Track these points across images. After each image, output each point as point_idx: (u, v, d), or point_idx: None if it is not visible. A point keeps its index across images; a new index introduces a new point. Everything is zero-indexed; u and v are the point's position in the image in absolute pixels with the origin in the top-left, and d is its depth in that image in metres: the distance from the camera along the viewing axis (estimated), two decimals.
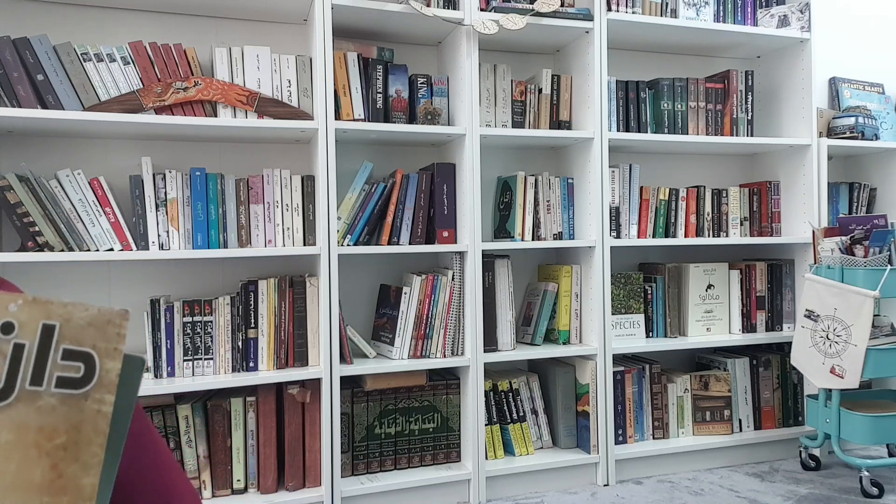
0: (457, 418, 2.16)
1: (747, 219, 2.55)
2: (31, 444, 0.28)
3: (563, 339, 2.30)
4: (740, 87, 2.48)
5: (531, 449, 2.25)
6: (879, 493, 2.08)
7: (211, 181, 1.92)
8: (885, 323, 2.18)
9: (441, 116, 2.10)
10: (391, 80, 2.10)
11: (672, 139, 2.32)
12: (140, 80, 1.85)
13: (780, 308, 2.56)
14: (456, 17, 2.08)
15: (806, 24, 2.48)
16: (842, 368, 2.11)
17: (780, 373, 2.54)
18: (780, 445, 2.49)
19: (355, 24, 2.13)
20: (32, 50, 1.75)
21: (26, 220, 1.74)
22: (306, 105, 1.99)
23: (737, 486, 2.21)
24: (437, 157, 2.36)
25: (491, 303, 2.19)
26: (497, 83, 2.22)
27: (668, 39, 2.50)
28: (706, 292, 2.48)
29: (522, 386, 2.27)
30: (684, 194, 2.44)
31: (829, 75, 2.87)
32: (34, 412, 0.29)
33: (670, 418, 2.42)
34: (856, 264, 2.14)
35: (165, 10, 2.07)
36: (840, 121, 2.61)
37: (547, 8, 2.15)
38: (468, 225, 2.10)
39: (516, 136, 2.20)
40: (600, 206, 2.25)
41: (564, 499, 2.14)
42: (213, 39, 2.13)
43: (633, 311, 2.38)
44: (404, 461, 2.11)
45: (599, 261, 2.25)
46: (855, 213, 2.73)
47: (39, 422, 0.28)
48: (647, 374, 2.38)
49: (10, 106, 1.73)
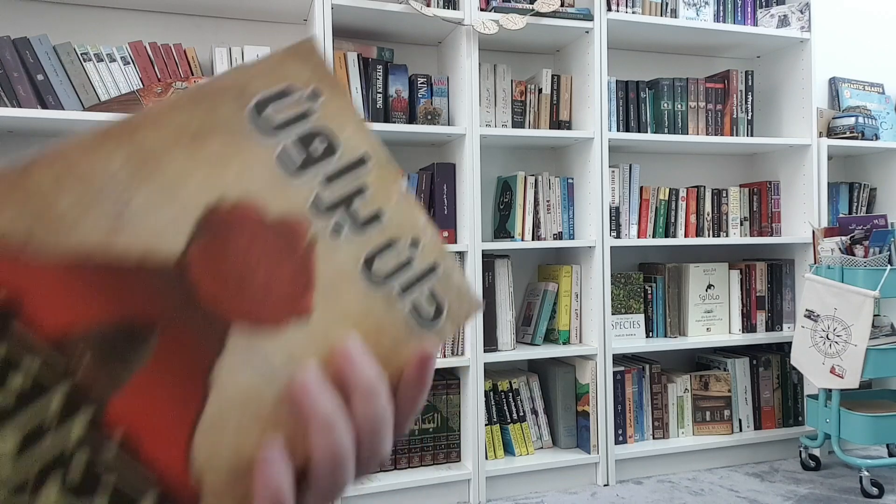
0: (457, 418, 2.16)
1: (747, 219, 2.55)
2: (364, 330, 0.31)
3: (563, 339, 2.30)
4: (740, 87, 2.48)
5: (531, 449, 2.25)
6: (879, 493, 2.08)
7: None
8: (885, 323, 2.18)
9: (441, 116, 2.10)
10: (391, 80, 2.11)
11: (672, 139, 2.32)
12: (140, 80, 1.85)
13: (780, 308, 2.56)
14: (456, 17, 2.09)
15: (806, 24, 2.48)
16: (842, 368, 2.11)
17: (780, 373, 2.54)
18: (780, 445, 2.49)
19: (355, 24, 2.13)
20: (32, 50, 1.75)
21: None
22: None
23: (737, 486, 2.21)
24: (437, 157, 2.36)
25: (491, 303, 2.19)
26: (497, 83, 2.22)
27: (668, 39, 2.50)
28: (706, 292, 2.48)
29: (522, 386, 2.27)
30: (684, 194, 2.44)
31: (829, 75, 2.87)
32: (384, 308, 0.31)
33: (670, 418, 2.42)
34: (856, 264, 2.14)
35: (165, 10, 2.07)
36: (840, 121, 2.61)
37: (547, 8, 2.15)
38: (468, 225, 2.10)
39: (516, 136, 2.20)
40: (600, 206, 2.25)
41: (564, 499, 2.14)
42: (213, 39, 2.13)
43: (633, 311, 2.38)
44: (404, 461, 2.11)
45: (599, 261, 2.25)
46: (855, 213, 2.73)
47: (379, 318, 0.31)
48: (647, 374, 2.38)
49: (10, 106, 1.73)
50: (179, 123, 0.27)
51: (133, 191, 0.26)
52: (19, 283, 0.23)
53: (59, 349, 0.23)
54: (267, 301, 0.28)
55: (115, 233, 0.25)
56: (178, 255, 0.26)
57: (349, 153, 0.32)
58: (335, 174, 0.31)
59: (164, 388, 0.25)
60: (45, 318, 0.23)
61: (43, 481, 0.23)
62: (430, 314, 0.33)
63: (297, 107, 0.30)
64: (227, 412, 0.26)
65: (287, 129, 0.30)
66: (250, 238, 0.28)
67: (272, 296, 0.28)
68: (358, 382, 0.30)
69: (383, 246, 0.32)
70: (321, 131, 0.31)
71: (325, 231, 0.30)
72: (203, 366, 0.26)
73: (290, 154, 0.30)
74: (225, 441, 0.26)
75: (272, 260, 0.29)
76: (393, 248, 0.32)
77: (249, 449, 0.27)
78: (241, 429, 0.26)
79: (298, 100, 0.30)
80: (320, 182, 0.31)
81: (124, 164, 0.26)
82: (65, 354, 0.24)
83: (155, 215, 0.26)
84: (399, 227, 0.33)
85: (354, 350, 0.30)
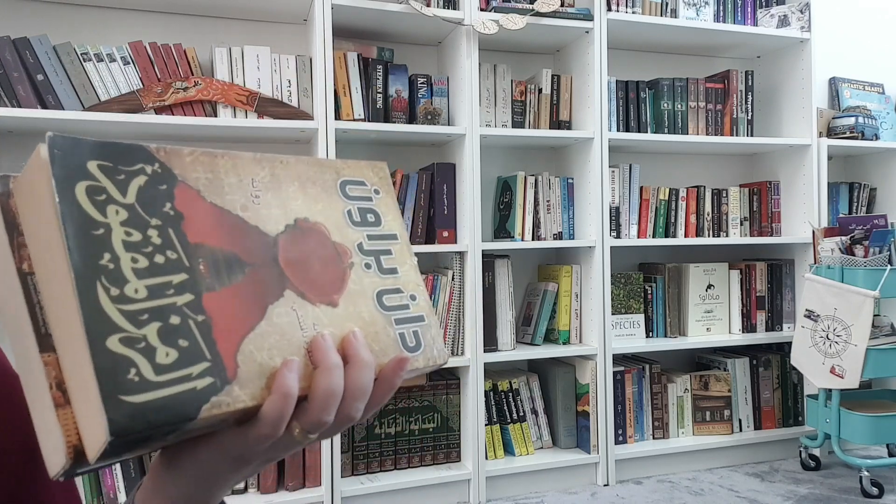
0: (457, 418, 2.16)
1: (747, 219, 2.55)
2: (365, 332, 0.46)
3: (563, 339, 2.30)
4: (740, 87, 2.48)
5: (531, 449, 2.25)
6: (879, 493, 2.08)
7: None
8: (885, 323, 2.18)
9: (441, 116, 2.10)
10: (391, 80, 2.10)
11: (672, 139, 2.32)
12: (140, 80, 1.85)
13: (780, 308, 2.56)
14: (456, 17, 2.08)
15: (806, 24, 2.48)
16: (842, 368, 2.11)
17: (780, 373, 2.54)
18: (780, 445, 2.49)
19: (355, 24, 2.13)
20: (32, 50, 1.75)
21: None
22: (306, 105, 1.99)
23: (737, 486, 2.21)
24: (437, 157, 2.36)
25: (491, 303, 2.19)
26: (497, 83, 2.22)
27: (668, 39, 2.50)
28: (706, 292, 2.48)
29: (522, 386, 2.27)
30: (684, 194, 2.44)
31: (829, 75, 2.87)
32: (382, 326, 0.47)
33: (670, 418, 2.42)
34: (856, 264, 2.14)
35: (165, 10, 2.07)
36: (840, 121, 2.61)
37: (547, 8, 2.15)
38: (468, 225, 2.10)
39: (516, 136, 2.20)
40: (600, 206, 2.25)
41: (564, 499, 2.14)
42: (213, 39, 2.13)
43: (633, 311, 2.38)
44: (404, 461, 2.11)
45: (599, 261, 2.25)
46: (855, 213, 2.73)
47: (377, 330, 0.46)
48: (647, 374, 2.38)
49: (10, 106, 1.73)
50: (301, 171, 0.47)
51: (263, 192, 0.44)
52: (191, 208, 0.40)
53: (193, 249, 0.39)
54: (314, 284, 0.44)
55: (245, 208, 0.42)
56: (276, 234, 0.43)
57: (387, 229, 0.50)
58: (375, 237, 0.49)
59: (240, 302, 0.40)
60: (195, 230, 0.39)
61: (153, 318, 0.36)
62: (411, 346, 0.47)
63: (365, 192, 0.50)
64: (269, 334, 0.40)
65: (355, 201, 0.49)
66: (316, 244, 0.45)
67: (318, 283, 0.44)
68: (356, 356, 0.42)
69: (392, 290, 0.48)
70: (374, 210, 0.50)
71: (360, 264, 0.47)
72: (265, 301, 0.41)
73: (353, 214, 0.49)
74: (263, 348, 0.39)
75: (324, 262, 0.45)
76: (398, 293, 0.48)
77: (276, 361, 0.40)
78: (273, 346, 0.40)
79: (367, 189, 0.51)
80: (365, 236, 0.49)
81: (265, 176, 0.44)
82: (195, 255, 0.39)
83: (271, 209, 0.44)
84: (405, 283, 0.49)
85: (359, 337, 0.44)
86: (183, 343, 0.36)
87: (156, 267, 0.37)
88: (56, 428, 0.35)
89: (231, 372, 0.38)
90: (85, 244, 0.34)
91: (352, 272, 0.46)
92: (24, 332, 0.37)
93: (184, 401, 0.35)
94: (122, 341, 0.34)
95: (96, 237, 0.35)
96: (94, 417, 0.33)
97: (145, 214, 0.37)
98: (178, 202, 0.39)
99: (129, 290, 0.35)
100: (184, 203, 0.39)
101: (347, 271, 0.46)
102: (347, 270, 0.46)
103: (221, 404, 0.37)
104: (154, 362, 0.35)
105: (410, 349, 0.47)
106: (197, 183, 0.41)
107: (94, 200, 0.35)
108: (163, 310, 0.36)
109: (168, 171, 0.39)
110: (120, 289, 0.35)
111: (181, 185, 0.40)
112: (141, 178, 0.38)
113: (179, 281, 0.37)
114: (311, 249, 0.44)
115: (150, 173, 0.38)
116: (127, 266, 0.36)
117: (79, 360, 0.34)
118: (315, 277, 0.44)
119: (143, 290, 0.36)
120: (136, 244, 0.36)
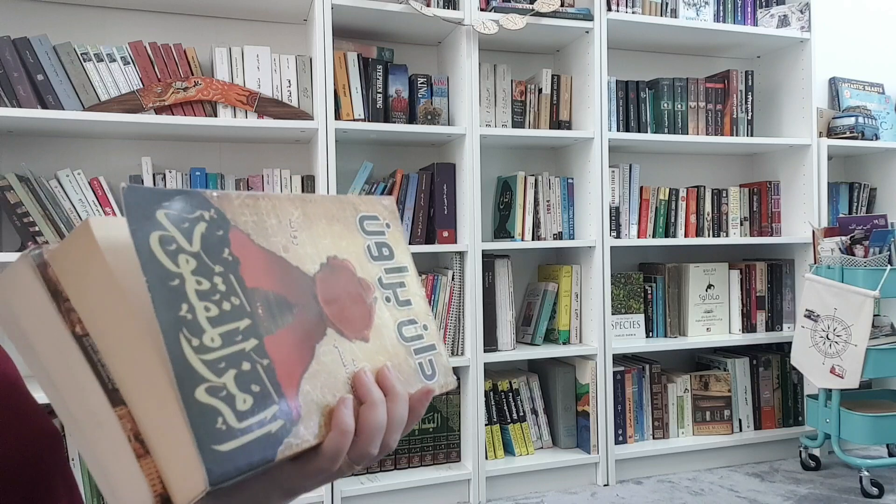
0: (457, 418, 2.16)
1: (747, 219, 2.55)
2: (393, 364, 0.49)
3: (563, 339, 2.30)
4: (740, 87, 2.48)
5: (531, 449, 2.25)
6: (879, 493, 2.08)
7: (211, 181, 1.92)
8: (885, 323, 2.18)
9: (441, 116, 2.10)
10: (391, 80, 2.10)
11: (672, 139, 2.32)
12: (140, 80, 1.85)
13: (780, 308, 2.56)
14: (456, 17, 2.08)
15: (806, 24, 2.48)
16: (842, 368, 2.11)
17: (780, 373, 2.54)
18: (780, 445, 2.49)
19: (355, 24, 2.13)
20: (32, 50, 1.75)
21: (26, 220, 1.74)
22: (306, 105, 1.99)
23: (737, 486, 2.21)
24: (437, 157, 2.36)
25: (491, 303, 2.19)
26: (497, 83, 2.22)
27: (668, 39, 2.50)
28: (706, 292, 2.48)
29: (522, 386, 2.27)
30: (684, 194, 2.44)
31: (829, 75, 2.87)
32: (405, 356, 0.51)
33: (670, 418, 2.42)
34: (856, 264, 2.14)
35: (165, 10, 2.07)
36: (840, 121, 2.61)
37: (547, 8, 2.15)
38: (468, 225, 2.10)
39: (516, 136, 2.20)
40: (600, 206, 2.25)
41: (564, 499, 2.14)
42: (213, 39, 2.13)
43: (633, 311, 2.38)
44: (404, 461, 2.11)
45: (599, 261, 2.25)
46: (855, 213, 2.73)
47: (401, 361, 0.50)
48: (647, 374, 2.38)
49: (10, 106, 1.73)
50: (326, 209, 0.49)
51: (299, 231, 0.46)
52: (244, 252, 0.41)
53: (251, 294, 0.40)
54: (349, 321, 0.47)
55: (286, 249, 0.44)
56: (314, 273, 0.45)
57: (399, 261, 0.54)
58: (391, 270, 0.52)
59: (293, 343, 0.41)
60: (251, 274, 0.40)
61: (230, 366, 0.37)
62: (429, 374, 0.51)
63: (379, 227, 0.53)
64: (319, 372, 0.42)
65: (372, 236, 0.52)
66: (346, 281, 0.48)
67: (351, 320, 0.47)
68: (393, 389, 0.45)
69: (409, 321, 0.52)
70: (387, 244, 0.53)
71: (382, 297, 0.50)
72: (313, 341, 0.43)
73: (372, 249, 0.52)
74: (316, 387, 0.42)
75: (353, 299, 0.48)
76: (413, 324, 0.52)
77: (327, 398, 0.42)
78: (324, 384, 0.42)
79: (381, 224, 0.54)
80: (384, 271, 0.52)
81: (299, 216, 0.46)
82: (253, 299, 0.40)
83: (306, 248, 0.46)
84: (418, 314, 0.53)
85: (392, 370, 0.47)
86: (255, 388, 0.38)
87: (224, 314, 0.38)
88: (140, 478, 0.36)
89: (296, 413, 0.40)
90: (166, 296, 0.35)
91: (376, 306, 0.49)
92: (87, 391, 0.37)
93: (263, 445, 0.37)
94: (208, 391, 0.35)
95: (173, 288, 0.36)
96: (187, 468, 0.34)
97: (210, 262, 0.38)
98: (234, 247, 0.40)
99: (206, 339, 0.36)
100: (238, 248, 0.41)
101: (373, 306, 0.49)
102: (373, 305, 0.49)
103: (292, 445, 0.39)
104: (236, 410, 0.36)
105: (428, 377, 0.51)
106: (246, 227, 0.42)
107: (166, 251, 0.36)
108: (236, 357, 0.37)
109: (222, 217, 0.40)
110: (199, 339, 0.36)
111: (234, 230, 0.41)
112: (202, 226, 0.39)
113: (245, 327, 0.39)
114: (342, 287, 0.47)
115: (209, 219, 0.39)
116: (202, 315, 0.36)
117: (164, 411, 0.35)
118: (348, 314, 0.47)
119: (218, 339, 0.37)
120: (206, 292, 0.37)
